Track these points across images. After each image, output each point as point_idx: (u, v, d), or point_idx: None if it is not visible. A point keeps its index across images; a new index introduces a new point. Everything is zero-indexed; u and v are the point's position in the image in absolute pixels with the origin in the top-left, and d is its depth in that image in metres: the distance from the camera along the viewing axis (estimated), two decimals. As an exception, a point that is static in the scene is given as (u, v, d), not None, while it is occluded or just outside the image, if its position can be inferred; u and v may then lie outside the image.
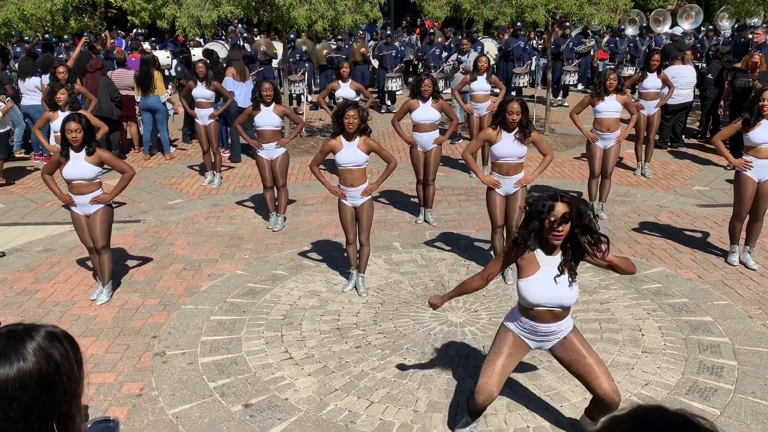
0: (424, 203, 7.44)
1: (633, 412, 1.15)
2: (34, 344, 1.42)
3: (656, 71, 8.86)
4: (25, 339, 1.42)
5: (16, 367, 1.38)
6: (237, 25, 18.60)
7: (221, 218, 7.71)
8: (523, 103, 5.44)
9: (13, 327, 1.47)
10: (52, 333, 1.46)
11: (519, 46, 15.04)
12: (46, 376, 1.40)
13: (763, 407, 4.00)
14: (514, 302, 5.42)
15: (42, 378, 1.40)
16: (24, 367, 1.38)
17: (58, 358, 1.43)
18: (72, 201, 5.38)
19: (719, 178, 9.01)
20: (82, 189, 5.34)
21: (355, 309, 5.40)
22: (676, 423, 1.11)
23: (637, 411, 1.15)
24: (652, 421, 1.13)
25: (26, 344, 1.41)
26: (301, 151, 10.80)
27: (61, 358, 1.43)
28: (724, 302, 5.38)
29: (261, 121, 7.04)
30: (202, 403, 4.15)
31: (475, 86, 9.01)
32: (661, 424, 1.11)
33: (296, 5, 9.68)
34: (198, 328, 5.09)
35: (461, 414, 3.98)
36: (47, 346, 1.43)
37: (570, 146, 11.02)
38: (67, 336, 1.50)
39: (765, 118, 5.68)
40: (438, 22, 20.19)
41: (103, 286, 5.61)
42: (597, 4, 10.54)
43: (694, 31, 17.68)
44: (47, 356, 1.41)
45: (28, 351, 1.40)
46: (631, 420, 1.14)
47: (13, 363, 1.38)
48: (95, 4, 17.87)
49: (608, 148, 7.31)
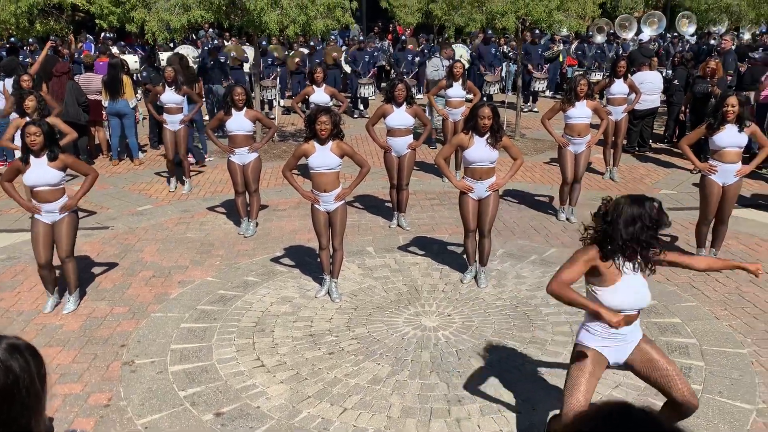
0: (398, 208, 7.45)
1: (599, 409, 1.17)
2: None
3: (623, 77, 9.01)
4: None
5: None
6: (207, 29, 18.47)
7: (191, 224, 7.61)
8: (494, 108, 5.51)
9: None
10: (13, 345, 1.42)
11: (490, 52, 15.18)
12: (4, 388, 1.36)
13: (730, 407, 4.07)
14: (486, 305, 5.46)
15: (0, 390, 1.36)
16: None
17: (18, 370, 1.39)
18: (37, 209, 5.23)
19: (686, 182, 9.19)
20: (47, 196, 5.20)
21: (328, 315, 5.37)
22: (640, 419, 1.14)
23: (603, 408, 1.18)
24: (617, 417, 1.14)
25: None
26: (274, 156, 10.74)
27: (21, 370, 1.39)
28: (691, 304, 5.47)
29: (233, 126, 6.97)
30: (172, 413, 4.07)
31: (451, 92, 9.05)
32: (626, 420, 1.13)
33: (267, 10, 9.62)
34: (168, 336, 5.00)
35: (435, 419, 3.98)
36: (7, 358, 1.39)
37: (540, 151, 11.14)
38: (30, 348, 1.46)
39: (729, 122, 5.81)
40: (409, 28, 20.30)
41: (70, 294, 5.49)
42: (566, 11, 10.69)
43: (659, 37, 18.06)
44: (6, 368, 1.37)
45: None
46: (597, 416, 1.16)
47: None
48: (62, 7, 17.55)
49: (579, 153, 7.41)
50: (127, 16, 10.44)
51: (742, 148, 5.95)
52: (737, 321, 5.18)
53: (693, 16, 16.78)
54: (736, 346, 4.78)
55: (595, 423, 1.14)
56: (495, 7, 10.37)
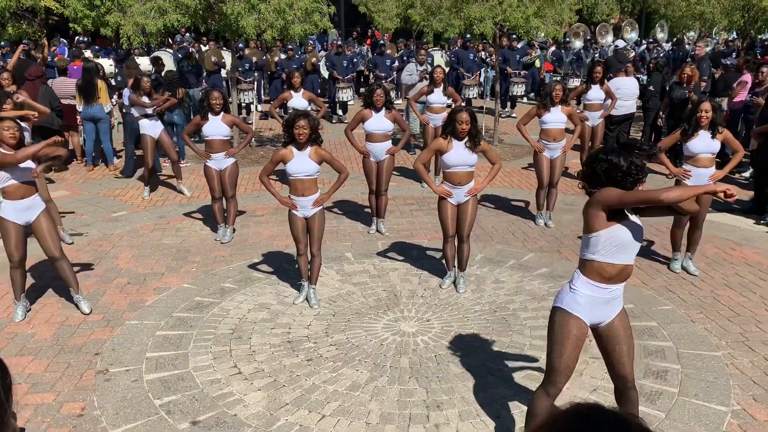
0: (377, 213, 7.43)
1: (570, 410, 1.19)
2: None
3: (599, 83, 9.12)
4: None
5: None
6: (184, 34, 18.31)
7: (167, 230, 7.51)
8: (472, 113, 5.52)
9: None
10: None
11: (468, 57, 15.28)
12: None
13: (705, 409, 4.11)
14: (465, 310, 5.45)
15: None
16: None
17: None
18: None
19: (661, 186, 9.29)
20: (23, 192, 5.11)
21: (306, 321, 5.33)
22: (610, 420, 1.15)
23: (574, 409, 1.19)
24: (587, 418, 1.16)
25: None
26: (251, 161, 10.66)
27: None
28: (667, 307, 5.53)
29: (209, 131, 6.91)
30: (147, 422, 4.00)
31: (432, 98, 9.07)
32: (596, 421, 1.15)
33: (245, 14, 9.57)
34: (143, 344, 4.92)
35: (413, 424, 3.96)
36: None
37: (518, 156, 11.21)
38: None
39: (702, 128, 5.90)
40: (388, 33, 20.35)
41: (77, 293, 5.42)
42: (543, 17, 10.79)
43: (635, 44, 18.32)
44: None
45: None
46: (567, 417, 1.17)
47: None
48: (35, 10, 17.29)
49: (554, 158, 7.48)
50: (102, 20, 10.33)
51: (715, 153, 6.04)
52: (712, 324, 5.24)
53: (664, 24, 17.06)
54: (711, 349, 4.84)
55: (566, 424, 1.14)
56: (473, 13, 10.43)
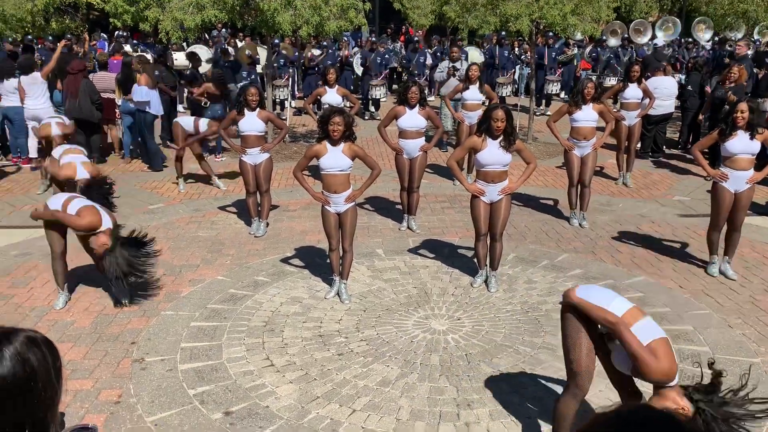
0: (408, 210, 7.43)
1: (617, 410, 1.15)
2: (12, 348, 1.39)
3: (637, 82, 8.96)
4: (3, 343, 1.39)
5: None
6: (221, 29, 18.54)
7: (203, 223, 7.63)
8: (508, 111, 5.47)
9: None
10: (31, 338, 1.43)
11: (503, 55, 15.16)
12: (21, 381, 1.37)
13: (743, 416, 4.02)
14: (496, 309, 5.43)
15: (17, 383, 1.37)
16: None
17: (35, 363, 1.40)
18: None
19: (700, 188, 9.12)
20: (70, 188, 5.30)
21: (337, 316, 5.36)
22: (659, 421, 1.11)
23: (622, 409, 1.16)
24: (637, 419, 1.12)
25: (3, 348, 1.38)
26: (285, 157, 10.75)
27: (38, 363, 1.40)
28: (704, 312, 5.42)
29: (245, 126, 6.99)
30: (181, 411, 4.08)
31: (467, 95, 9.02)
32: (645, 422, 1.11)
33: (281, 10, 9.64)
34: (178, 335, 5.02)
35: (444, 422, 3.96)
36: (24, 351, 1.39)
37: (552, 155, 11.09)
38: (47, 342, 1.47)
39: (739, 129, 5.76)
40: (422, 30, 20.31)
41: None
42: (580, 14, 10.64)
43: (674, 43, 17.96)
44: (23, 361, 1.38)
45: (5, 355, 1.37)
46: (615, 418, 1.14)
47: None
48: (77, 5, 17.70)
49: (585, 156, 7.39)
50: (141, 15, 10.51)
51: (755, 155, 5.89)
52: (751, 330, 5.12)
53: (710, 21, 16.66)
54: (749, 355, 4.73)
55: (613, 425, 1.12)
56: (509, 10, 10.34)
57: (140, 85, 9.70)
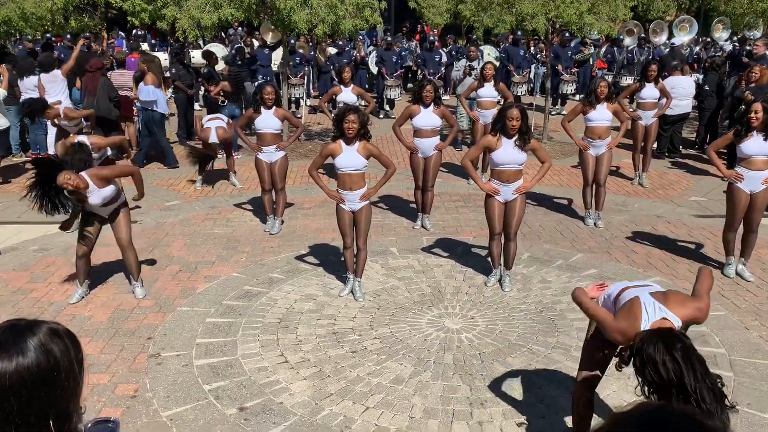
0: (422, 209, 7.44)
1: (637, 409, 1.14)
2: (36, 340, 1.41)
3: (654, 81, 8.90)
4: (27, 334, 1.42)
5: (15, 361, 1.37)
6: (237, 27, 18.64)
7: (218, 220, 7.69)
8: (523, 110, 5.47)
9: (16, 322, 1.46)
10: (54, 329, 1.46)
11: (518, 54, 15.09)
12: (45, 371, 1.40)
13: (759, 419, 4.00)
14: (510, 309, 5.42)
15: (41, 373, 1.39)
16: (23, 362, 1.38)
17: (58, 354, 1.42)
18: None
19: (716, 189, 9.03)
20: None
21: (351, 314, 5.39)
22: (680, 420, 1.10)
23: (642, 408, 1.14)
24: (656, 418, 1.11)
25: (27, 339, 1.41)
26: (300, 155, 10.80)
27: (61, 354, 1.43)
28: (720, 313, 5.38)
29: (261, 124, 7.04)
30: (196, 406, 4.13)
31: (482, 93, 9.01)
32: (666, 421, 1.10)
33: (297, 9, 9.68)
34: (193, 330, 5.07)
35: (457, 420, 3.97)
36: (48, 341, 1.42)
37: (568, 154, 11.04)
38: (69, 333, 1.49)
39: (754, 129, 5.71)
40: (437, 28, 20.27)
41: (136, 280, 5.68)
42: (596, 13, 10.58)
43: (691, 42, 17.78)
44: (47, 352, 1.41)
45: (29, 346, 1.40)
46: (635, 417, 1.13)
47: (13, 357, 1.38)
48: (95, 4, 17.88)
49: (600, 156, 7.36)
50: (159, 14, 10.59)
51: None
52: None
53: (728, 21, 16.48)
54: (766, 357, 4.69)
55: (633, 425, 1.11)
56: (525, 9, 10.30)
57: (146, 84, 9.76)
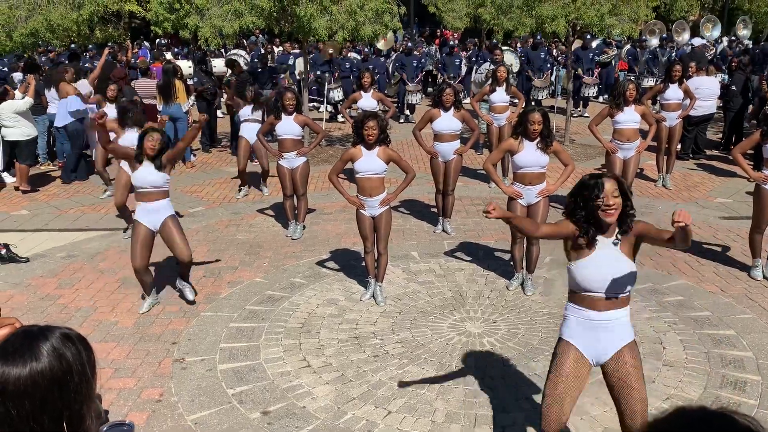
0: (443, 213, 7.43)
1: (675, 413, 1.13)
2: (48, 344, 1.47)
3: (678, 82, 8.79)
4: (40, 339, 1.47)
5: (29, 366, 1.43)
6: (258, 35, 18.82)
7: (241, 226, 7.77)
8: (545, 113, 5.45)
9: (29, 328, 1.53)
10: (65, 334, 1.51)
11: (539, 57, 15.01)
12: (58, 375, 1.45)
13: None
14: (532, 313, 5.40)
15: (54, 377, 1.44)
16: (37, 366, 1.44)
17: (71, 358, 1.47)
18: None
19: (742, 191, 8.89)
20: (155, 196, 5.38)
21: (373, 318, 5.40)
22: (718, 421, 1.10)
23: (679, 412, 1.13)
24: (694, 420, 1.11)
25: (40, 344, 1.46)
26: (321, 160, 10.86)
27: (73, 358, 1.48)
28: (747, 316, 5.30)
29: (282, 130, 7.09)
30: (220, 410, 4.17)
31: (495, 97, 8.99)
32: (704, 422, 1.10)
33: (317, 16, 9.76)
34: (217, 335, 5.12)
35: (479, 425, 3.96)
36: (60, 346, 1.47)
37: (590, 157, 10.95)
38: (81, 338, 1.54)
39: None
40: (457, 32, 20.26)
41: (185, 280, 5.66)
42: (618, 14, 10.50)
43: (715, 41, 17.54)
44: (60, 356, 1.46)
45: (42, 351, 1.45)
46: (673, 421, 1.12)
47: (27, 362, 1.43)
48: (120, 14, 18.18)
49: (628, 159, 7.29)
50: (181, 23, 10.72)
51: None
52: (796, 335, 4.98)
53: (748, 20, 16.23)
54: (794, 361, 4.61)
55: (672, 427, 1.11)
56: (545, 11, 10.26)
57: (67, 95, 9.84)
